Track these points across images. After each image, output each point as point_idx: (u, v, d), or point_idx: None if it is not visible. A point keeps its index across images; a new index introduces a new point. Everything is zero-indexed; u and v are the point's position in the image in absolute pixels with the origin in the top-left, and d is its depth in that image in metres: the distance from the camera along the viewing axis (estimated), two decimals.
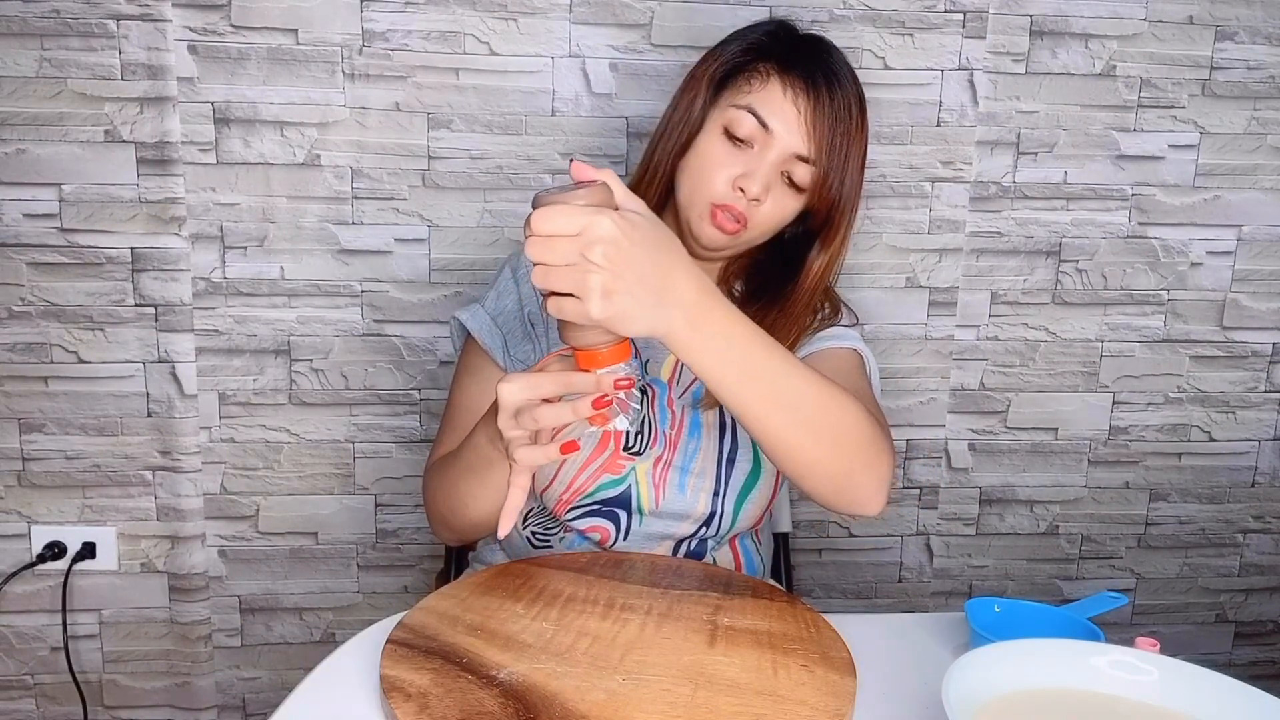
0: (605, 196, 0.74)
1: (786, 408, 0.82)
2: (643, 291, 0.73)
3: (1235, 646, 1.76)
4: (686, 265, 0.76)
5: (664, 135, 1.09)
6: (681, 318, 0.76)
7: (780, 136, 1.01)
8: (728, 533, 1.10)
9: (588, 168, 0.75)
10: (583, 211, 0.71)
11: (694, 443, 1.08)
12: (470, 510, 1.00)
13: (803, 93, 1.01)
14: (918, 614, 1.05)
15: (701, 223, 1.04)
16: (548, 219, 0.71)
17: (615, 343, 0.77)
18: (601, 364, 0.78)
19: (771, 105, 1.01)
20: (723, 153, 1.02)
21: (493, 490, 0.95)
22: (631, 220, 0.72)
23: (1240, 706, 0.69)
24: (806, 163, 1.01)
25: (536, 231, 0.71)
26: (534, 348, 1.11)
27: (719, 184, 1.02)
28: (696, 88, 1.07)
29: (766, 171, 1.01)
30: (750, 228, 1.04)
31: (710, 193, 1.02)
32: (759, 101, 1.01)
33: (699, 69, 1.08)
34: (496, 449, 0.89)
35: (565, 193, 0.73)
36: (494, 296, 1.14)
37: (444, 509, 1.04)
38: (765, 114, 1.01)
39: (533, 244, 0.72)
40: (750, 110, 1.01)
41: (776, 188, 1.03)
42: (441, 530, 1.10)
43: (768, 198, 1.02)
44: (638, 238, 0.72)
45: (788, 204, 1.04)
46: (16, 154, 1.38)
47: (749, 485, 1.09)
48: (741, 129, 1.01)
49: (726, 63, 1.06)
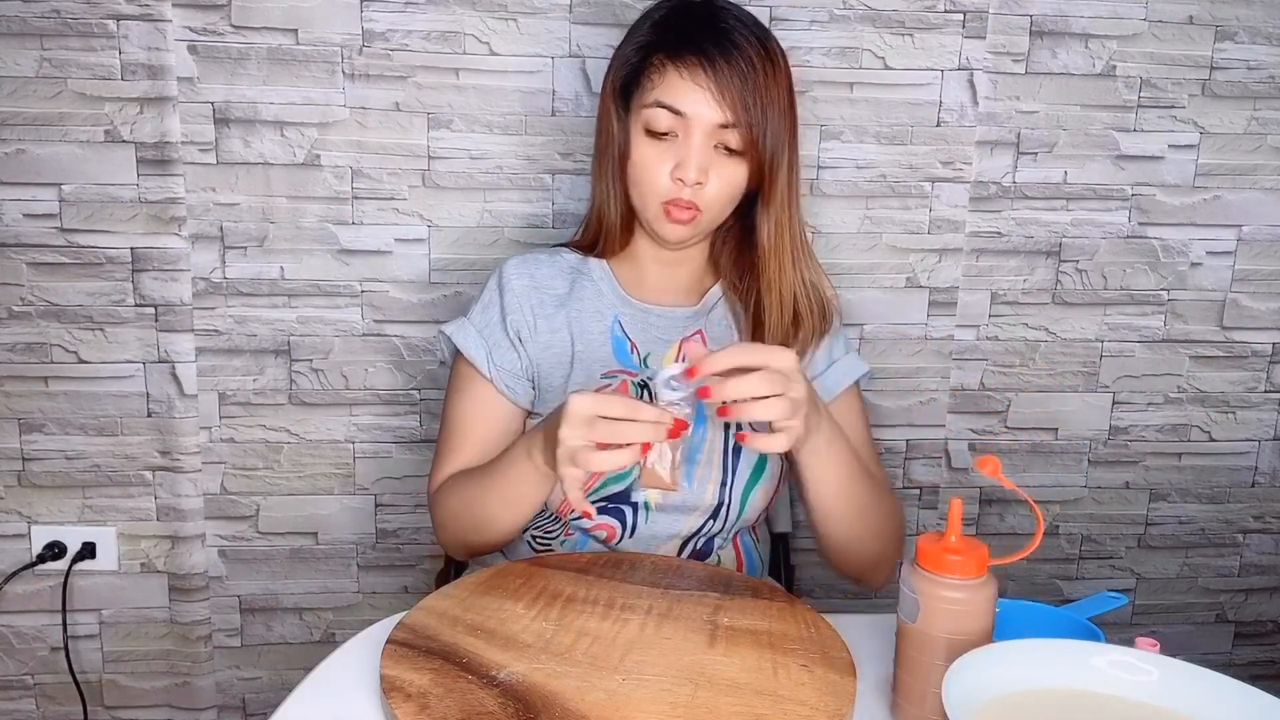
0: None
1: (859, 509, 1.02)
2: (814, 412, 0.91)
3: (1235, 646, 1.76)
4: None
5: (601, 156, 1.13)
6: (824, 435, 0.94)
7: (695, 117, 1.03)
8: (734, 525, 1.11)
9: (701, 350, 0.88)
10: (774, 349, 0.87)
11: (699, 434, 1.08)
12: (497, 524, 1.04)
13: (698, 67, 1.02)
14: None
15: (659, 223, 1.07)
16: (785, 357, 0.86)
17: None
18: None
19: (675, 92, 1.03)
20: (653, 153, 1.05)
21: (520, 505, 1.01)
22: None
23: (1240, 706, 0.69)
24: (731, 127, 1.03)
25: (773, 367, 0.85)
26: (517, 356, 1.12)
27: (660, 182, 1.05)
28: (606, 105, 1.11)
29: (696, 154, 1.03)
30: (705, 209, 1.06)
31: (655, 192, 1.05)
32: (663, 93, 1.04)
33: (604, 84, 1.12)
34: (533, 461, 0.95)
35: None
36: (479, 310, 1.16)
37: (466, 526, 1.06)
38: (673, 101, 1.03)
39: (768, 378, 0.85)
40: (658, 104, 1.04)
41: (715, 163, 1.05)
42: (457, 549, 1.13)
43: (709, 177, 1.04)
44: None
45: (733, 173, 1.06)
46: (16, 154, 1.38)
47: (755, 476, 1.09)
48: (659, 124, 1.04)
49: (623, 69, 1.09)
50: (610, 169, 1.11)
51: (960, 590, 0.74)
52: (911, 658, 0.76)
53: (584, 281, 1.15)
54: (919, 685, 0.76)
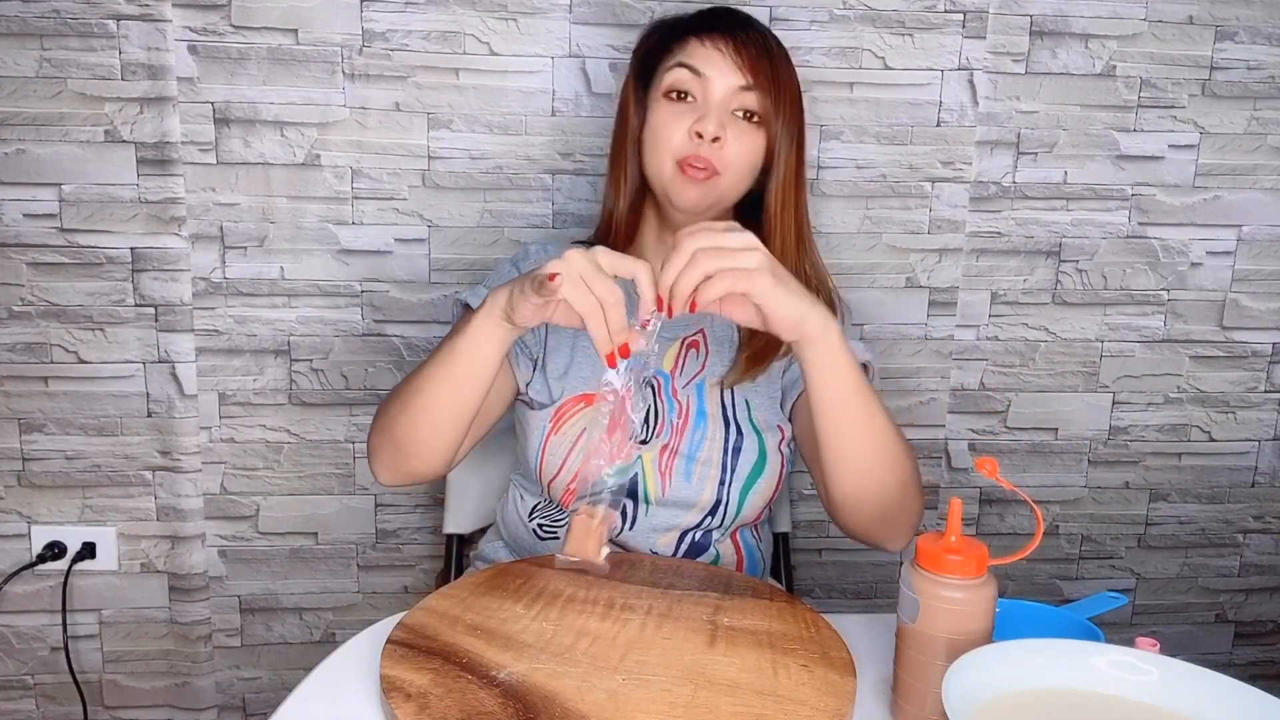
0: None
1: (873, 432, 0.92)
2: (796, 289, 0.85)
3: (1235, 646, 1.76)
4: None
5: (618, 145, 1.14)
6: (819, 320, 0.86)
7: (715, 77, 1.05)
8: (732, 523, 1.11)
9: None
10: (733, 231, 0.84)
11: (700, 431, 1.08)
12: (437, 415, 0.97)
13: (720, 37, 1.06)
14: None
15: (674, 183, 1.06)
16: (731, 233, 0.83)
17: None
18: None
19: (698, 54, 1.06)
20: (671, 112, 1.06)
21: (467, 380, 0.95)
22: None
23: (1240, 706, 0.69)
24: (751, 90, 1.05)
25: (725, 245, 0.82)
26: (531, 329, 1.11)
27: (677, 138, 1.05)
28: (628, 88, 1.13)
29: (716, 110, 1.04)
30: (723, 171, 1.05)
31: (672, 150, 1.05)
32: (684, 56, 1.06)
33: (627, 74, 1.15)
34: (491, 315, 0.91)
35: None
36: (495, 278, 1.16)
37: (402, 427, 1.00)
38: (695, 62, 1.05)
39: (720, 253, 0.81)
40: (680, 64, 1.06)
41: (734, 125, 1.05)
42: (392, 459, 1.04)
43: (727, 135, 1.04)
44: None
45: (751, 140, 1.06)
46: (16, 154, 1.38)
47: (754, 475, 1.09)
48: (680, 84, 1.06)
49: (643, 49, 1.13)
50: (626, 151, 1.12)
51: (960, 590, 0.74)
52: (911, 658, 0.76)
53: None
54: (919, 685, 0.76)
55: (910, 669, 0.76)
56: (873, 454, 0.93)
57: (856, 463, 0.94)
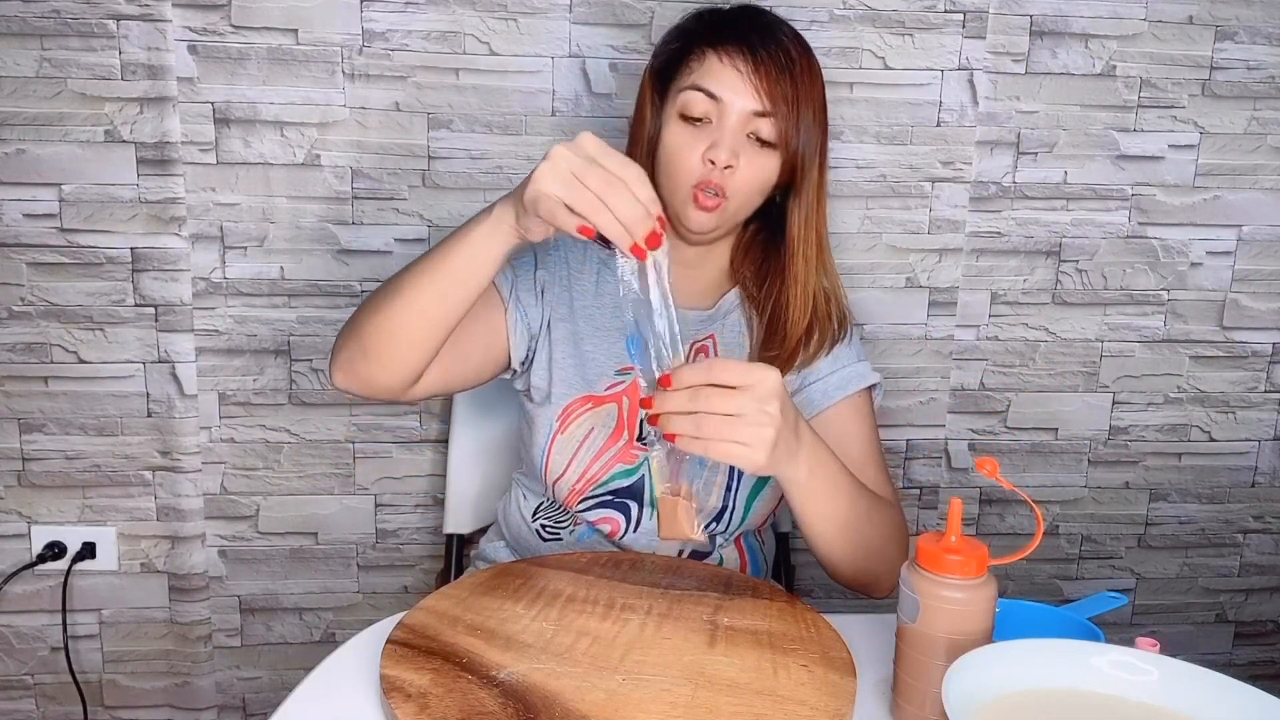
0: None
1: (852, 533, 0.96)
2: (792, 440, 0.85)
3: (1235, 646, 1.76)
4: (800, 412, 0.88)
5: (634, 145, 1.12)
6: (805, 466, 0.88)
7: (731, 101, 1.02)
8: (736, 529, 1.11)
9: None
10: (756, 366, 0.80)
11: None
12: (415, 310, 0.94)
13: (739, 54, 1.03)
14: None
15: (686, 208, 1.05)
16: (726, 370, 0.79)
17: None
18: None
19: (713, 76, 1.03)
20: (686, 136, 1.04)
21: (455, 290, 0.93)
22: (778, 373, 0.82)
23: (1240, 706, 0.69)
24: (766, 116, 1.03)
25: (717, 380, 0.79)
26: (536, 302, 1.11)
27: (691, 163, 1.03)
28: (645, 93, 1.11)
29: (730, 137, 1.02)
30: (731, 196, 1.04)
31: (686, 175, 1.04)
32: (701, 77, 1.03)
33: (644, 75, 1.12)
34: (490, 213, 0.89)
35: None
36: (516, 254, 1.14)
37: (371, 326, 0.97)
38: (710, 86, 1.03)
39: (709, 395, 0.79)
40: (695, 87, 1.03)
41: (747, 150, 1.04)
42: (351, 360, 0.99)
43: (739, 162, 1.03)
44: (787, 392, 0.83)
45: (763, 163, 1.05)
46: (16, 154, 1.38)
47: (761, 482, 1.09)
48: (695, 108, 1.03)
49: (662, 58, 1.09)
50: (640, 157, 1.10)
51: (960, 590, 0.74)
52: (911, 658, 0.76)
53: (605, 275, 1.15)
54: (919, 685, 0.76)
55: (910, 669, 0.76)
56: (855, 549, 0.98)
57: (834, 556, 0.99)
